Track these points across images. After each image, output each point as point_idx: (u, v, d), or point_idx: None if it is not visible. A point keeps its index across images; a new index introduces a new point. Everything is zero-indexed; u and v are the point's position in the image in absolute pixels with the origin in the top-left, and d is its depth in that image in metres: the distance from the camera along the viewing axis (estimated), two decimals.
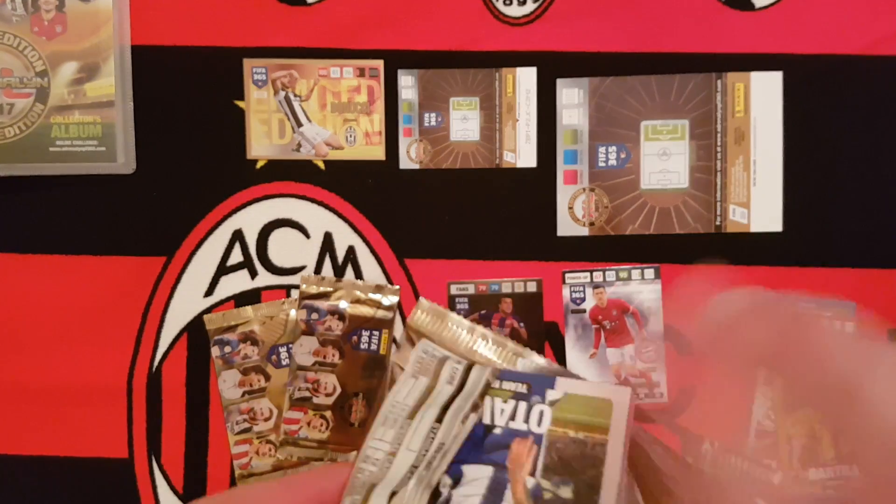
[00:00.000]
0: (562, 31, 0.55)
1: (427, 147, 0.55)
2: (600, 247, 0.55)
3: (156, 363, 0.56)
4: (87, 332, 0.55)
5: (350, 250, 0.56)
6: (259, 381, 0.55)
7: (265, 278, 0.56)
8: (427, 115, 0.55)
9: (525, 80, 0.55)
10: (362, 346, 0.55)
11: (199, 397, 0.56)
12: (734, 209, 0.55)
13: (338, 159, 0.56)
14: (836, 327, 0.24)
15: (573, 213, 0.55)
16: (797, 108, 0.55)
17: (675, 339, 0.55)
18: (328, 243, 0.56)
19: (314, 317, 0.55)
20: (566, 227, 0.55)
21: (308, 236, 0.56)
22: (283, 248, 0.56)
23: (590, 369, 0.55)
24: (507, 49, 0.55)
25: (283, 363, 0.55)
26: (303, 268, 0.56)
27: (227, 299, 0.56)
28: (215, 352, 0.55)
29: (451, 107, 0.55)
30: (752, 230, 0.55)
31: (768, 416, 0.53)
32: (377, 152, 0.55)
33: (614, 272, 0.55)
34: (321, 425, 0.55)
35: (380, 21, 0.55)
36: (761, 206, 0.55)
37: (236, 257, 0.56)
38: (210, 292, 0.56)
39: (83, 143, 0.54)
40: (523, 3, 0.55)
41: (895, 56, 0.54)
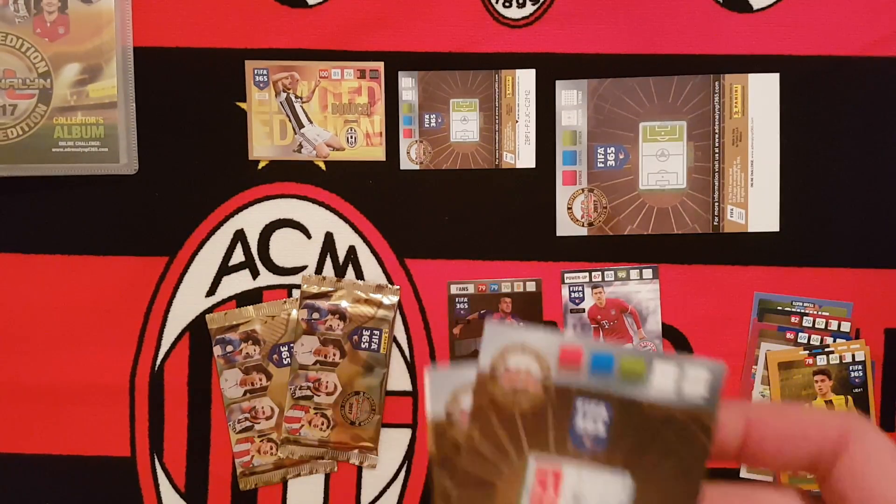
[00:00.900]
0: (561, 33, 0.55)
1: (427, 148, 0.56)
2: (599, 247, 0.56)
3: (158, 362, 0.56)
4: (90, 332, 0.56)
5: (351, 250, 0.56)
6: (260, 380, 0.56)
7: (267, 278, 0.56)
8: (427, 116, 0.56)
9: (524, 81, 0.55)
10: (363, 346, 0.55)
11: (200, 396, 0.56)
12: (732, 209, 0.55)
13: (339, 160, 0.56)
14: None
15: (572, 214, 0.56)
16: (794, 109, 0.55)
17: (673, 338, 0.56)
18: (329, 243, 0.56)
19: (315, 316, 0.55)
20: (565, 227, 0.56)
21: (309, 236, 0.56)
22: (285, 248, 0.56)
23: None
24: (506, 51, 0.55)
25: (285, 362, 0.56)
26: (304, 268, 0.56)
27: (229, 299, 0.56)
28: (217, 351, 0.56)
29: (451, 108, 0.56)
30: (749, 230, 0.55)
31: None
32: (378, 153, 0.56)
33: (613, 272, 0.55)
34: (322, 424, 0.55)
35: (380, 23, 0.55)
36: (759, 207, 0.55)
37: (238, 257, 0.56)
38: (212, 292, 0.56)
39: (86, 144, 0.54)
40: (523, 6, 0.55)
41: (892, 57, 0.55)
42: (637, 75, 0.55)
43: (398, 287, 0.56)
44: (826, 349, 0.55)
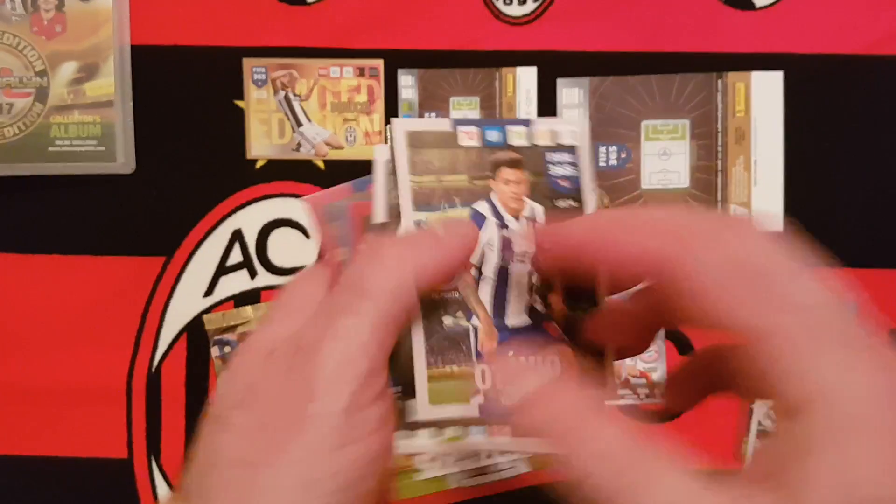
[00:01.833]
0: (562, 31, 0.55)
1: None
2: None
3: (155, 363, 0.56)
4: (86, 333, 0.55)
5: None
6: None
7: (265, 278, 0.56)
8: (427, 114, 0.55)
9: (525, 79, 0.55)
10: None
11: (198, 397, 0.55)
12: (735, 209, 0.55)
13: (338, 159, 0.55)
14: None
15: None
16: (798, 107, 0.55)
17: (676, 339, 0.55)
18: None
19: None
20: None
21: (308, 236, 0.56)
22: (283, 247, 0.56)
23: None
24: (507, 49, 0.55)
25: None
26: (302, 268, 0.56)
27: (227, 299, 0.56)
28: (215, 352, 0.55)
29: (451, 106, 0.55)
30: None
31: (769, 416, 0.53)
32: None
33: None
34: None
35: (380, 20, 0.55)
36: (762, 206, 0.55)
37: (236, 257, 0.56)
38: (209, 292, 0.56)
39: (83, 143, 0.54)
40: (523, 3, 0.55)
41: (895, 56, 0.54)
42: (639, 73, 0.55)
43: None
44: None
